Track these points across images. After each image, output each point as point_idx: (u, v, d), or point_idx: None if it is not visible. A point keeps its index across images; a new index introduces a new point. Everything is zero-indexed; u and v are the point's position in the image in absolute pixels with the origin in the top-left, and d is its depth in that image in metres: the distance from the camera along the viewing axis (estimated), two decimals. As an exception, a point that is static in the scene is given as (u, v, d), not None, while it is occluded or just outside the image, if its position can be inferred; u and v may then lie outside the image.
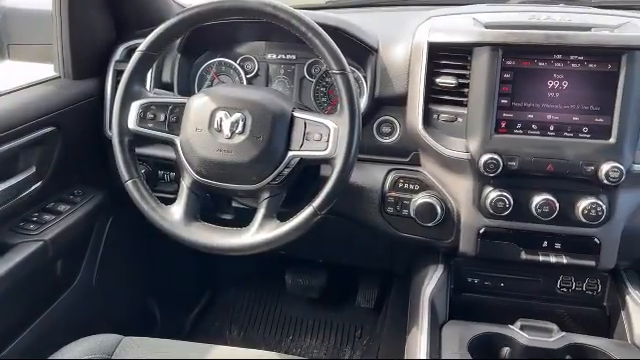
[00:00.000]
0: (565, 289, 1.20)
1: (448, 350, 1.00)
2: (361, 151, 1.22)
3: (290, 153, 1.03)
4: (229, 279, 2.02)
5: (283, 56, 1.36)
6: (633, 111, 1.04)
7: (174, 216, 1.06)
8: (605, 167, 1.03)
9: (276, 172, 1.03)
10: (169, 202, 1.09)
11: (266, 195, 1.05)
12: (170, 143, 1.09)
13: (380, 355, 1.59)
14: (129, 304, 1.67)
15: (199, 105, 1.06)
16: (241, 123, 1.03)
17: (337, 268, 1.86)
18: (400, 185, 1.22)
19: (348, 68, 1.01)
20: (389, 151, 1.24)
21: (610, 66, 1.04)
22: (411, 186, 1.22)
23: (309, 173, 1.19)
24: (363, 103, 1.24)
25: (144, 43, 1.08)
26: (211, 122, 1.04)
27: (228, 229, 1.06)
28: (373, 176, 1.24)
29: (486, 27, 1.14)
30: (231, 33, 1.35)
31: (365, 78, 1.26)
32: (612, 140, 1.05)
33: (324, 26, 1.09)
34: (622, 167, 1.03)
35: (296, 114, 1.05)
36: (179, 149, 1.07)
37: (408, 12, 1.47)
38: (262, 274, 1.99)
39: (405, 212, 1.21)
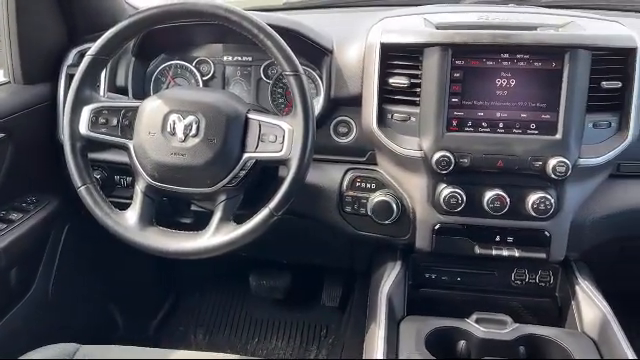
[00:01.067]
0: (519, 281, 1.23)
1: (405, 346, 1.02)
2: (318, 151, 1.23)
3: (245, 155, 1.04)
4: (193, 282, 2.00)
5: (239, 58, 1.36)
6: (577, 107, 1.07)
7: (128, 221, 1.05)
8: (552, 162, 1.07)
9: (231, 174, 1.03)
10: (127, 207, 1.08)
11: (222, 198, 1.05)
12: (123, 147, 1.08)
13: (344, 353, 1.60)
14: (90, 311, 1.64)
15: (152, 109, 1.05)
16: (194, 126, 1.02)
17: (301, 268, 1.87)
18: (357, 184, 1.24)
19: (301, 69, 1.02)
20: (346, 151, 1.25)
21: (554, 64, 1.08)
22: (368, 185, 1.23)
23: (268, 174, 1.19)
24: (319, 104, 1.25)
25: (94, 47, 1.07)
26: (164, 125, 1.03)
27: (184, 233, 1.05)
28: (331, 176, 1.25)
29: (437, 28, 1.17)
30: (186, 36, 1.34)
31: (321, 79, 1.27)
32: (558, 136, 1.08)
33: (278, 28, 1.09)
34: (568, 162, 1.06)
35: (250, 116, 1.05)
36: (132, 153, 1.07)
37: (362, 13, 1.49)
38: (226, 277, 1.98)
39: (363, 211, 1.22)
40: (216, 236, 1.02)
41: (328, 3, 1.67)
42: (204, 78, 1.37)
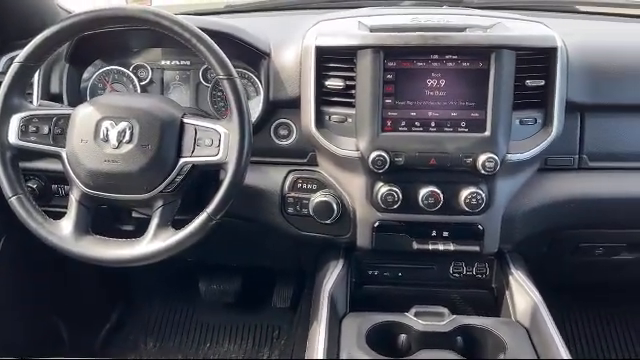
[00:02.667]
0: (457, 274, 1.28)
1: (347, 342, 1.04)
2: (259, 154, 1.25)
3: (182, 160, 1.03)
4: (141, 291, 1.97)
5: (177, 62, 1.36)
6: (504, 105, 1.12)
7: (63, 231, 1.03)
8: (482, 158, 1.11)
9: (168, 180, 1.03)
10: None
11: (159, 204, 1.05)
12: (56, 156, 1.06)
13: (294, 353, 1.62)
14: (32, 325, 1.59)
15: (84, 116, 1.04)
16: (128, 132, 1.02)
17: (251, 271, 1.87)
18: (299, 185, 1.25)
19: (235, 73, 1.03)
20: (287, 153, 1.27)
21: (481, 64, 1.12)
22: (309, 186, 1.25)
23: (210, 178, 1.19)
24: (259, 107, 1.26)
25: (21, 54, 1.04)
26: (97, 132, 1.02)
27: (121, 241, 1.04)
28: (273, 178, 1.26)
29: (371, 30, 1.19)
30: (122, 41, 1.33)
31: (260, 82, 1.28)
32: (487, 133, 1.13)
33: (212, 32, 1.10)
34: (497, 157, 1.10)
35: (186, 120, 1.05)
36: (65, 162, 1.05)
37: (301, 16, 1.50)
38: (176, 283, 1.96)
39: (305, 211, 1.24)
40: (154, 243, 1.01)
41: (269, 6, 1.68)
42: (142, 83, 1.35)
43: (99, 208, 1.10)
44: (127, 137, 1.01)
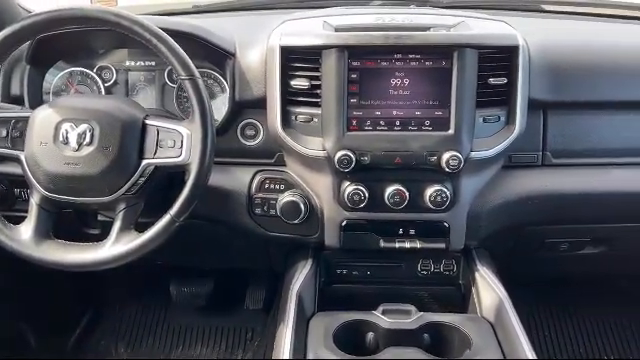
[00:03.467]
0: (425, 271, 1.29)
1: (313, 342, 1.04)
2: (226, 154, 1.24)
3: (144, 162, 1.02)
4: (112, 295, 1.94)
5: (142, 63, 1.34)
6: (467, 104, 1.13)
7: (22, 235, 1.02)
8: (446, 156, 1.12)
9: (130, 182, 1.02)
10: None
11: (122, 206, 1.03)
12: (14, 159, 1.04)
13: (266, 355, 1.61)
14: (-2, 333, 1.56)
15: (43, 118, 1.02)
16: (88, 134, 1.00)
17: (224, 273, 1.86)
18: (266, 186, 1.25)
19: (197, 73, 1.02)
20: (254, 153, 1.26)
21: (444, 63, 1.13)
22: (277, 186, 1.25)
23: (176, 180, 1.18)
24: (224, 107, 1.25)
25: None
26: (56, 135, 1.01)
27: (83, 244, 1.03)
28: (240, 179, 1.25)
29: (336, 30, 1.19)
30: (84, 42, 1.30)
31: (226, 82, 1.27)
32: (451, 131, 1.13)
33: (176, 32, 1.09)
34: (460, 155, 1.11)
35: (148, 122, 1.04)
36: (25, 165, 1.03)
37: (269, 16, 1.49)
38: (146, 287, 1.94)
39: (272, 212, 1.23)
40: (116, 246, 1.00)
41: (237, 6, 1.68)
42: (106, 85, 1.33)
43: (62, 212, 1.09)
44: (87, 139, 1.00)
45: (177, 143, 1.01)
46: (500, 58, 1.15)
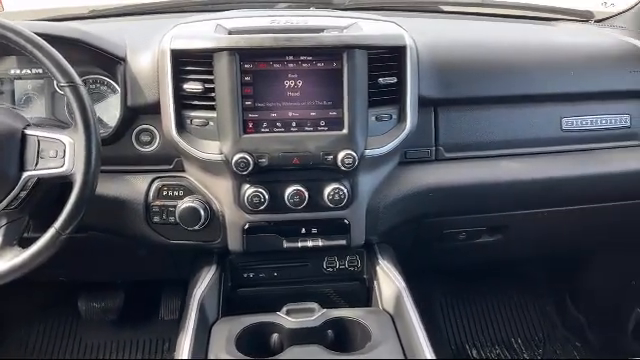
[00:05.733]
0: (331, 269, 1.31)
1: (215, 348, 1.03)
2: (121, 162, 1.21)
3: (25, 174, 0.98)
4: (17, 315, 1.84)
5: (29, 71, 1.27)
6: (359, 103, 1.16)
7: None
8: (341, 155, 1.14)
9: (10, 196, 0.97)
10: None
11: (3, 222, 0.98)
12: None
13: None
14: None
15: None
16: (-39, 147, 0.94)
17: (135, 285, 1.81)
18: (165, 193, 1.22)
19: (77, 80, 0.99)
20: (151, 160, 1.23)
21: (335, 64, 1.15)
22: (175, 192, 1.22)
23: (69, 191, 1.13)
24: (117, 113, 1.22)
25: None
26: None
27: (-39, 264, 0.96)
28: (136, 187, 1.22)
29: (230, 33, 1.19)
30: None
31: (119, 87, 1.23)
32: (345, 131, 1.16)
33: (58, 38, 1.04)
34: (355, 154, 1.14)
35: (28, 132, 0.99)
36: None
37: (164, 20, 1.46)
38: (54, 304, 1.84)
39: (172, 219, 1.21)
40: (-3, 263, 0.94)
41: (135, 10, 1.63)
42: (-11, 94, 1.26)
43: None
44: (-40, 153, 0.94)
45: (59, 153, 0.97)
46: (389, 58, 1.19)
